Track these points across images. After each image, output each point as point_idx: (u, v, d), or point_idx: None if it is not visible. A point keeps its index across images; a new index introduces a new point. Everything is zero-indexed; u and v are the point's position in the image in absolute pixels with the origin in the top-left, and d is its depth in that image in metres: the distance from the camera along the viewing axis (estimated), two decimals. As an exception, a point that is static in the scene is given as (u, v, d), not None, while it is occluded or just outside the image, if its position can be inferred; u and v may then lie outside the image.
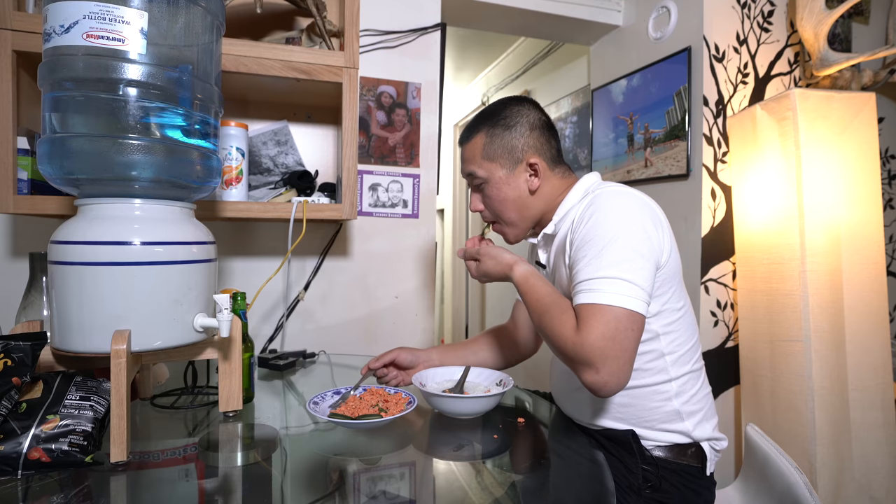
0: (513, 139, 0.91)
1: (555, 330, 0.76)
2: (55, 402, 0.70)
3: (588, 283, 0.75)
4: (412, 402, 0.88)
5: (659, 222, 0.82)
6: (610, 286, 0.73)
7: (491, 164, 0.92)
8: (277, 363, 1.23)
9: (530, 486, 0.71)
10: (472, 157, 0.95)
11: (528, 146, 0.91)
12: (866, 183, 1.41)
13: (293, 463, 0.75)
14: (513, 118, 0.92)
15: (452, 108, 3.99)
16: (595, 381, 0.70)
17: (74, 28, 0.67)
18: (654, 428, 0.86)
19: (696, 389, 0.88)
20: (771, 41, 1.63)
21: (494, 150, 0.92)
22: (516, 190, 0.92)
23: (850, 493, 1.35)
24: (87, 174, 0.71)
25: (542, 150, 0.92)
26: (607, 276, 0.74)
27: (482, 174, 0.93)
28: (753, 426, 1.00)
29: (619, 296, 0.72)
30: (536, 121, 0.93)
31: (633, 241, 0.76)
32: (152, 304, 0.72)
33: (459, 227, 3.90)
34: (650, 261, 0.77)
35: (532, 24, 1.96)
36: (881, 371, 1.39)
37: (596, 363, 0.70)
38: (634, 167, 1.82)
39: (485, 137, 0.93)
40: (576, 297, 0.76)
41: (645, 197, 0.84)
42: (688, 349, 0.87)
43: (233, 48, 1.11)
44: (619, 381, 0.71)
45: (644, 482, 0.85)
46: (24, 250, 1.28)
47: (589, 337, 0.71)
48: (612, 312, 0.72)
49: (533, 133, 0.92)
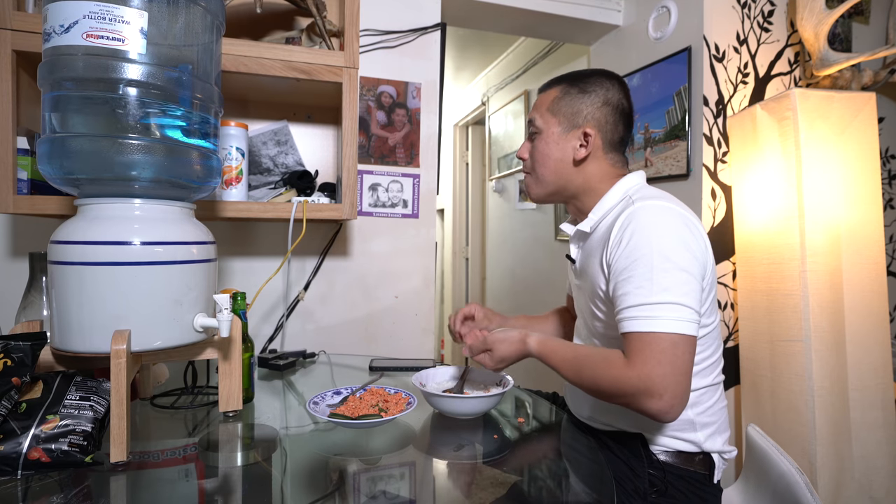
0: (582, 104, 0.91)
1: (602, 376, 0.76)
2: (55, 402, 0.70)
3: (640, 310, 0.74)
4: (412, 402, 0.88)
5: (700, 236, 0.81)
6: (664, 312, 0.72)
7: (551, 118, 0.92)
8: (277, 363, 1.23)
9: (530, 486, 0.71)
10: (540, 104, 0.95)
11: (591, 116, 0.90)
12: (866, 183, 1.41)
13: (293, 463, 0.75)
14: (592, 85, 0.91)
15: (452, 108, 3.99)
16: (661, 409, 0.71)
17: (74, 28, 0.67)
18: (665, 434, 0.86)
19: (713, 402, 0.87)
20: (771, 41, 1.63)
21: (561, 107, 0.92)
22: (561, 152, 0.92)
23: (851, 493, 1.34)
24: (87, 174, 0.71)
25: (604, 128, 0.91)
26: (660, 301, 0.73)
27: (539, 124, 0.94)
28: (755, 427, 1.00)
29: (675, 322, 0.72)
30: (614, 99, 0.91)
31: (680, 261, 0.75)
32: (152, 304, 0.72)
33: (459, 227, 3.90)
34: (697, 278, 0.76)
35: (532, 24, 1.96)
36: (881, 371, 1.39)
37: (658, 391, 0.70)
38: (635, 167, 1.82)
39: (559, 92, 0.93)
40: (627, 324, 0.75)
41: (683, 207, 0.83)
42: (711, 363, 0.87)
43: (233, 48, 1.11)
44: (683, 403, 0.72)
45: (650, 486, 0.84)
46: (24, 250, 1.28)
47: (646, 367, 0.71)
48: (668, 339, 0.72)
49: (604, 108, 0.91)
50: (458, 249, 3.94)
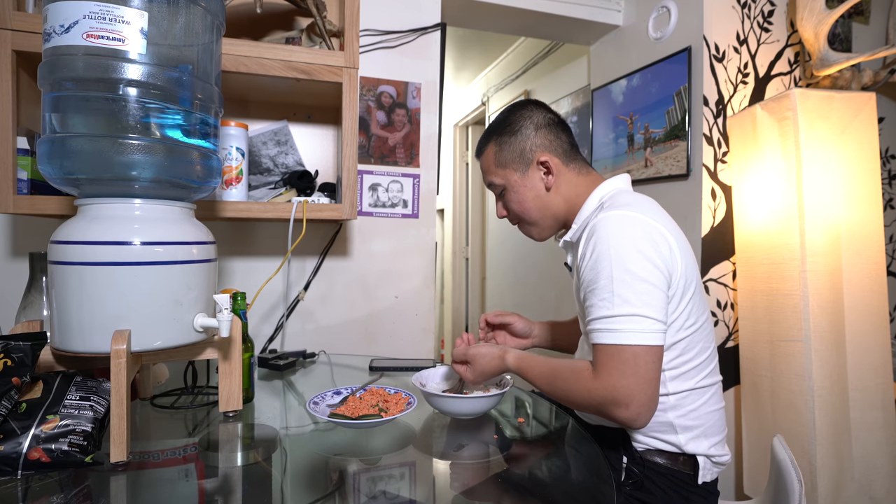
0: (520, 142, 0.94)
1: (573, 388, 0.79)
2: (55, 402, 0.70)
3: (603, 322, 0.76)
4: (412, 402, 0.88)
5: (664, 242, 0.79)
6: (625, 325, 0.74)
7: (505, 171, 0.96)
8: (277, 363, 1.23)
9: (530, 486, 0.71)
10: (487, 167, 0.99)
11: (535, 146, 0.93)
12: (866, 183, 1.41)
13: (293, 463, 0.75)
14: (517, 123, 0.95)
15: (452, 108, 3.99)
16: (628, 417, 0.73)
17: (74, 28, 0.67)
18: (645, 434, 0.86)
19: (699, 405, 0.85)
20: (771, 41, 1.63)
21: (505, 157, 0.95)
22: (533, 190, 0.95)
23: (851, 493, 1.34)
24: (87, 174, 0.71)
25: (552, 147, 0.94)
26: (620, 314, 0.75)
27: (499, 181, 0.97)
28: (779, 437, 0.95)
29: (636, 333, 0.74)
30: (541, 120, 0.95)
31: (639, 271, 0.75)
32: (152, 304, 0.72)
33: (459, 227, 3.90)
34: (659, 287, 0.76)
35: (532, 24, 1.96)
36: (881, 371, 1.39)
37: (623, 401, 0.73)
38: (634, 167, 1.82)
39: (495, 146, 0.97)
40: (594, 335, 0.77)
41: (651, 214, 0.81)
42: (695, 365, 0.85)
43: (233, 48, 1.11)
44: (651, 410, 0.75)
45: (627, 478, 0.85)
46: (24, 250, 1.28)
47: (611, 378, 0.74)
48: (630, 351, 0.73)
49: (539, 132, 0.94)
50: (458, 249, 3.94)
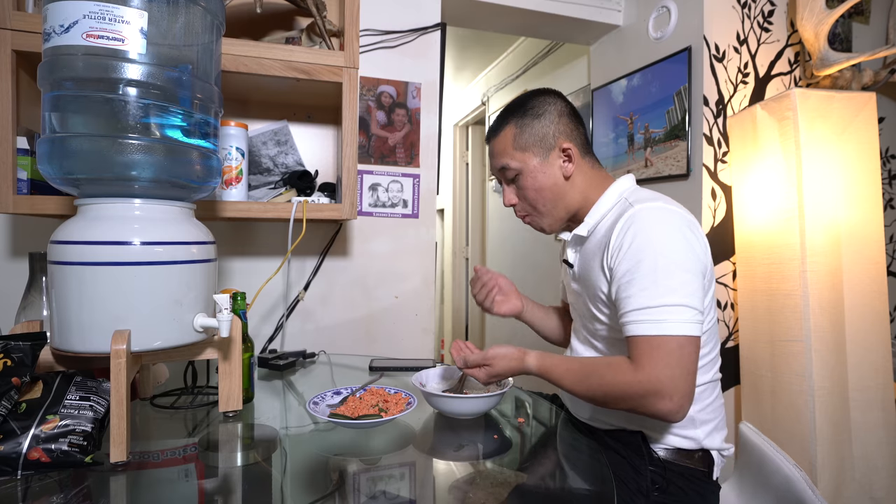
0: (543, 127, 0.91)
1: (610, 382, 0.77)
2: (55, 402, 0.70)
3: (646, 313, 0.75)
4: (412, 402, 0.88)
5: (701, 235, 0.82)
6: (671, 315, 0.74)
7: (524, 154, 0.92)
8: (277, 363, 1.23)
9: (530, 486, 0.71)
10: (503, 149, 0.94)
11: (559, 132, 0.92)
12: (866, 183, 1.41)
13: (293, 463, 0.75)
14: (541, 107, 0.92)
15: (452, 108, 3.99)
16: (671, 409, 0.73)
17: (74, 28, 0.67)
18: (666, 431, 0.86)
19: (712, 399, 0.88)
20: (771, 41, 1.63)
21: (526, 140, 0.92)
22: (552, 177, 0.92)
23: (851, 493, 1.34)
24: (86, 174, 0.71)
25: (573, 137, 0.93)
26: (666, 303, 0.74)
27: (515, 165, 0.92)
28: (747, 424, 1.00)
29: (681, 324, 0.73)
30: (564, 109, 0.93)
31: (684, 262, 0.76)
32: (152, 304, 0.72)
33: (459, 227, 3.90)
34: (699, 277, 0.77)
35: (532, 24, 1.96)
36: (881, 371, 1.39)
37: (669, 392, 0.72)
38: (634, 167, 1.82)
39: (515, 128, 0.92)
40: (633, 327, 0.76)
41: (681, 208, 0.84)
42: (710, 360, 0.88)
43: (233, 48, 1.11)
44: (691, 402, 0.74)
45: (652, 484, 0.84)
46: (24, 250, 1.28)
47: (655, 369, 0.72)
48: (675, 342, 0.73)
49: (562, 120, 0.92)
50: (458, 249, 3.94)
